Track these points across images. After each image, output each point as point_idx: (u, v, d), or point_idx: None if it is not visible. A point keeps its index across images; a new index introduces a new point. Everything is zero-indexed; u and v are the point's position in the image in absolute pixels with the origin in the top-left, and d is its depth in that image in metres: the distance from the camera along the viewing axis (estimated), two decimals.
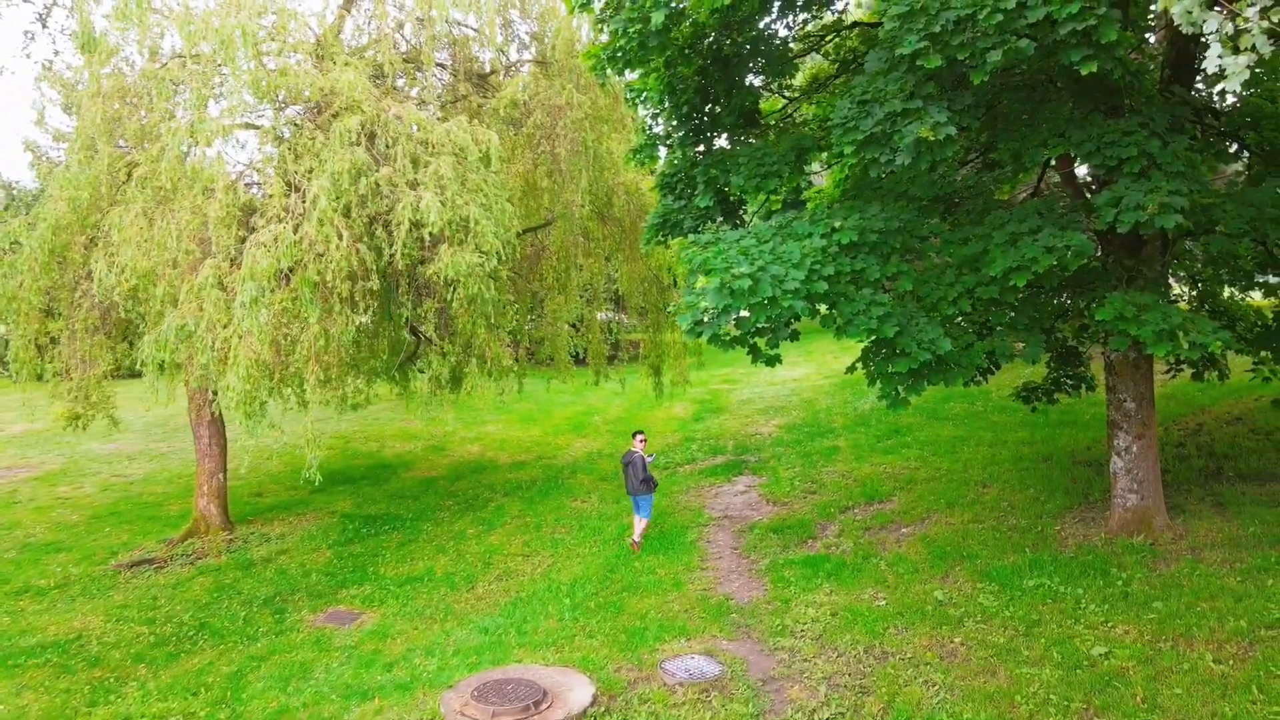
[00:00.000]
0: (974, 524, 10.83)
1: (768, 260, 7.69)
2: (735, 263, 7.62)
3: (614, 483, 16.07)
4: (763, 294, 7.36)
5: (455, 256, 10.84)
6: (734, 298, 7.40)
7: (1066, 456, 13.20)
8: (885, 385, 8.47)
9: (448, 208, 10.89)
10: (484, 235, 11.17)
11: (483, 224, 11.19)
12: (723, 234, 8.99)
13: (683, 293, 8.95)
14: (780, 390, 25.98)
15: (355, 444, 21.06)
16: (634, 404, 25.01)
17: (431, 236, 10.92)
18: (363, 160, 10.91)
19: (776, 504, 13.52)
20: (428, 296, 12.06)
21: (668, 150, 12.62)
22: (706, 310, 8.12)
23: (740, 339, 8.56)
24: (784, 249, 8.05)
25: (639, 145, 12.49)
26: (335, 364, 11.36)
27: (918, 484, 13.18)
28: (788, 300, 7.41)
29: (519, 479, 16.92)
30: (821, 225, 8.44)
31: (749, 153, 9.60)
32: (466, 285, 10.95)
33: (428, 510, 14.96)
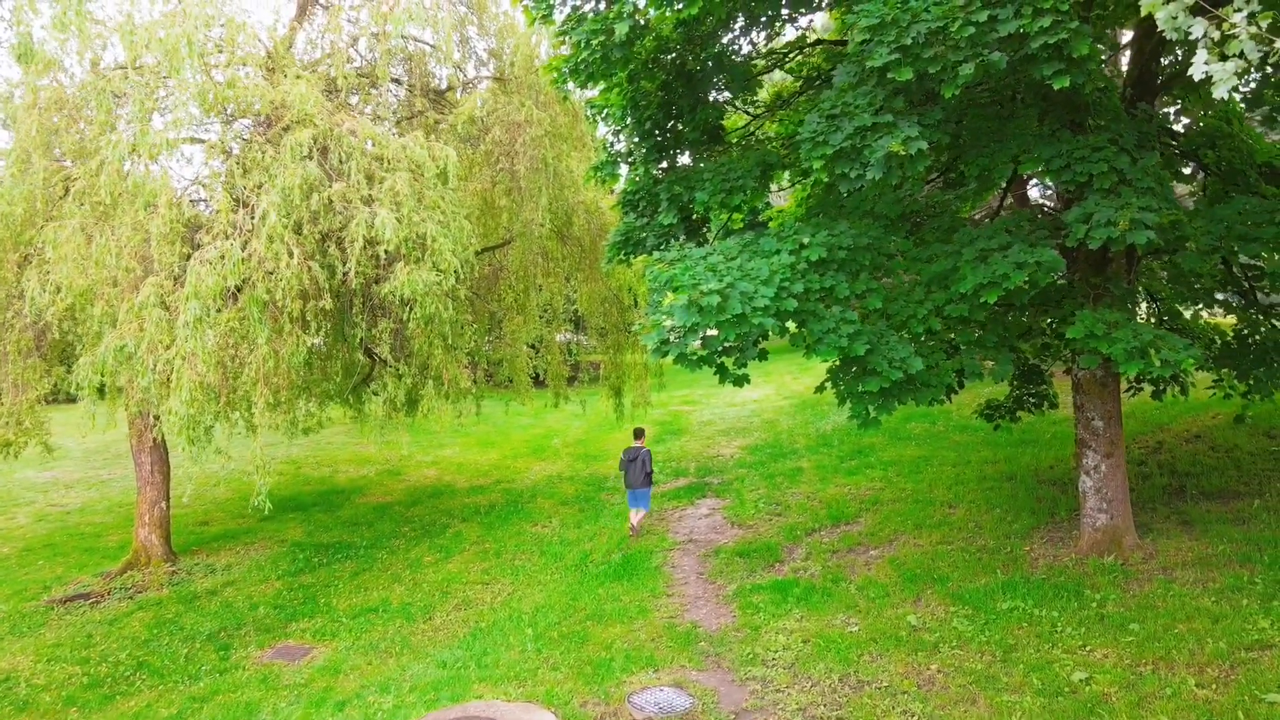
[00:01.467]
0: (943, 545, 10.69)
1: (736, 277, 7.49)
2: (703, 279, 7.41)
3: (575, 507, 15.72)
4: (731, 311, 7.15)
5: (412, 275, 10.50)
6: (702, 315, 7.18)
7: (1030, 475, 13.16)
8: (855, 405, 8.28)
9: (404, 225, 10.55)
10: (441, 253, 10.85)
11: (440, 242, 10.87)
12: (688, 251, 8.77)
13: (647, 311, 8.71)
14: (741, 411, 25.85)
15: (307, 469, 20.41)
16: (594, 426, 24.69)
17: (387, 254, 10.57)
18: (315, 175, 10.53)
19: (742, 527, 13.28)
20: (383, 316, 11.68)
21: (629, 168, 12.44)
22: (673, 329, 7.90)
23: (707, 358, 8.33)
24: (752, 266, 7.87)
25: (600, 162, 12.31)
26: (285, 387, 10.91)
27: (883, 505, 13.05)
28: (757, 318, 7.20)
29: (477, 504, 16.47)
30: (789, 242, 8.27)
31: (714, 168, 9.43)
32: (423, 304, 10.60)
33: (383, 537, 14.44)
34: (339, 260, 10.69)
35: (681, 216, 10.59)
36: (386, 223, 10.37)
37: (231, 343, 10.16)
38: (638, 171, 11.25)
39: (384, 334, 11.51)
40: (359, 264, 10.51)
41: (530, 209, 14.02)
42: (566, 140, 15.52)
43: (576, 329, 21.71)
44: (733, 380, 8.71)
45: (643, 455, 13.33)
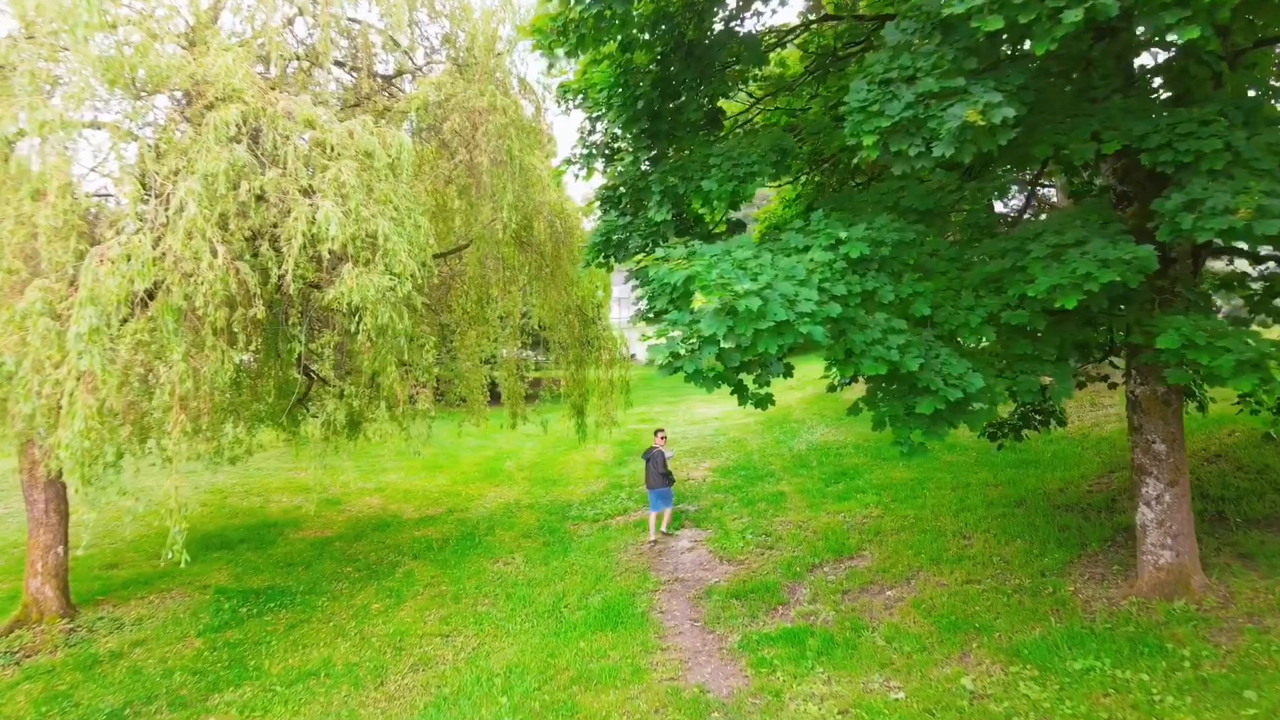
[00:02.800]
0: (970, 584, 9.48)
1: (772, 276, 6.15)
2: (734, 278, 6.04)
3: (539, 540, 14.17)
4: (773, 316, 5.80)
5: (361, 279, 8.92)
6: (736, 322, 5.81)
7: (1042, 500, 12.09)
8: (899, 430, 6.99)
9: (351, 220, 8.98)
10: (395, 254, 9.29)
11: (394, 241, 9.32)
12: (697, 247, 7.41)
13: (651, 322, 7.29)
14: (704, 430, 24.57)
15: (234, 499, 18.40)
16: (549, 447, 23.14)
17: (332, 255, 8.97)
18: (244, 161, 8.89)
19: (731, 562, 11.91)
20: (325, 327, 10.04)
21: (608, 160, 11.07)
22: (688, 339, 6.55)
23: (726, 376, 6.99)
24: (784, 264, 6.54)
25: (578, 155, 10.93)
26: (207, 411, 9.20)
27: (887, 535, 11.83)
28: (804, 325, 5.87)
29: (429, 537, 14.78)
30: (823, 236, 6.98)
31: (723, 152, 8.09)
32: (375, 313, 9.02)
33: (323, 580, 12.68)
34: (273, 261, 9.05)
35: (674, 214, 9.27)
36: (331, 217, 8.78)
37: (141, 359, 8.43)
38: (623, 161, 9.87)
39: (327, 347, 9.87)
40: (297, 266, 8.89)
41: (491, 208, 12.51)
42: (530, 134, 14.05)
43: (535, 344, 20.21)
44: (754, 402, 7.36)
45: (653, 455, 13.46)
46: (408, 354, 9.70)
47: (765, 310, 5.73)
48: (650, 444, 14.37)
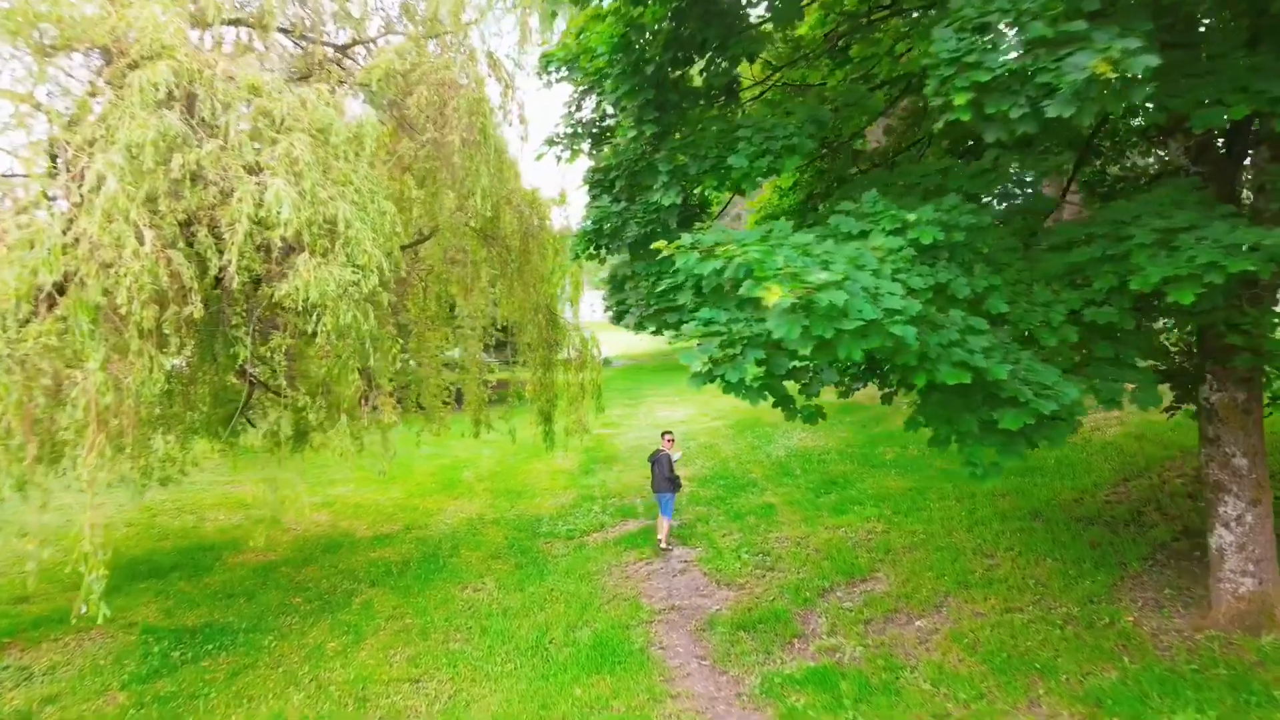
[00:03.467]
0: (1011, 613, 8.53)
1: (846, 265, 5.03)
2: (801, 266, 4.91)
3: (510, 561, 12.89)
4: (858, 315, 4.68)
5: (320, 272, 7.56)
6: (814, 321, 4.68)
7: (1058, 512, 11.26)
8: (971, 450, 5.94)
9: (307, 202, 7.62)
10: (359, 243, 7.95)
11: (356, 228, 7.98)
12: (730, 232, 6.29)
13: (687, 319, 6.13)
14: None
15: (164, 518, 16.66)
16: (508, 455, 21.77)
17: (284, 243, 7.59)
18: (177, 130, 7.47)
19: (730, 586, 10.81)
20: (274, 329, 8.64)
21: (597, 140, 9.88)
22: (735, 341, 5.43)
23: (772, 386, 5.87)
24: (849, 250, 5.44)
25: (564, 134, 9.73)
26: (132, 426, 7.75)
27: (898, 554, 10.86)
28: (896, 325, 4.75)
29: (386, 559, 13.37)
30: (886, 219, 5.89)
31: (754, 124, 6.95)
32: (336, 312, 7.67)
33: (268, 614, 11.21)
34: (213, 251, 7.64)
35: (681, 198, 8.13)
36: (282, 198, 7.41)
37: (48, 368, 6.95)
38: (619, 139, 8.66)
39: (278, 351, 8.45)
40: (242, 256, 7.50)
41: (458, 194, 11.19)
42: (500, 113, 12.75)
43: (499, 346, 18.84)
44: (803, 416, 6.24)
45: (658, 458, 12.90)
46: (373, 358, 8.36)
47: (848, 307, 4.60)
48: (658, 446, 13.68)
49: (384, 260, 8.12)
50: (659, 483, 12.94)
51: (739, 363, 5.56)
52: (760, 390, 5.63)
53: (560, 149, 9.80)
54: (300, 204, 7.54)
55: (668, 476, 12.85)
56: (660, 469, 12.96)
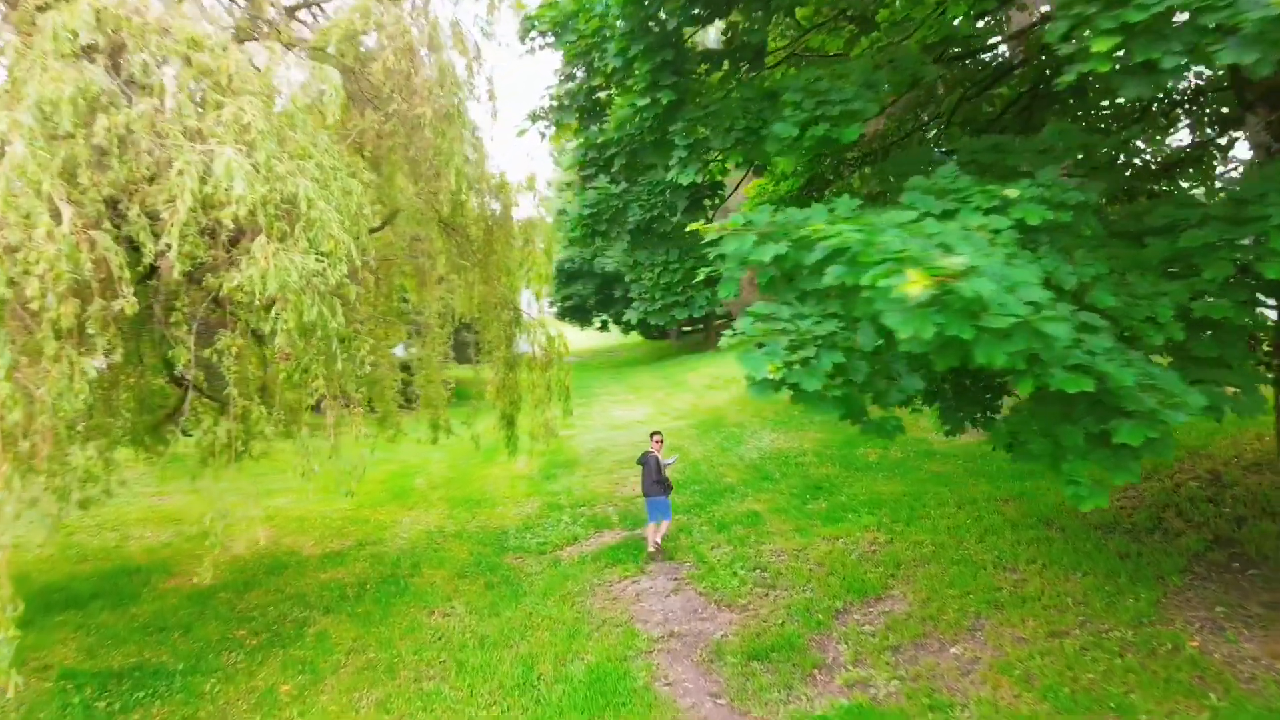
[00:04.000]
0: (1058, 638, 7.77)
1: (970, 250, 4.10)
2: (925, 251, 3.96)
3: (478, 580, 11.75)
4: (1003, 310, 3.75)
5: (280, 258, 6.35)
6: (950, 318, 3.73)
7: (1071, 519, 10.63)
8: (1072, 467, 5.08)
9: (262, 177, 6.40)
10: (323, 226, 6.77)
11: (320, 208, 6.79)
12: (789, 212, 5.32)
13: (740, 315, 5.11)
14: (630, 436, 22.46)
15: (82, 536, 15.01)
16: (461, 459, 20.50)
17: (235, 224, 6.36)
18: (101, 87, 6.19)
19: (730, 607, 9.88)
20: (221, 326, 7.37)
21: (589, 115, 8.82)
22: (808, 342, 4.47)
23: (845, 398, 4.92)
24: (952, 231, 4.52)
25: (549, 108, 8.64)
26: (47, 443, 6.46)
27: (910, 568, 10.07)
28: (1048, 323, 3.84)
29: (340, 582, 12.09)
30: (978, 196, 4.99)
31: (804, 86, 5.98)
32: (299, 307, 6.47)
33: (209, 651, 9.87)
34: (146, 232, 6.37)
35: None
36: (234, 171, 6.19)
37: None
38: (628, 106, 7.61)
39: (228, 352, 7.17)
40: (184, 239, 6.26)
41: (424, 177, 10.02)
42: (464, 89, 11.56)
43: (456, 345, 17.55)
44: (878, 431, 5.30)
45: (647, 459, 12.16)
46: (340, 361, 7.16)
47: (990, 300, 3.67)
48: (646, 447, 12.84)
49: (352, 246, 6.93)
50: (648, 485, 12.18)
51: (814, 367, 4.59)
52: (842, 403, 4.67)
53: (545, 125, 8.70)
54: (255, 178, 6.32)
55: (656, 480, 12.11)
56: (649, 471, 12.20)
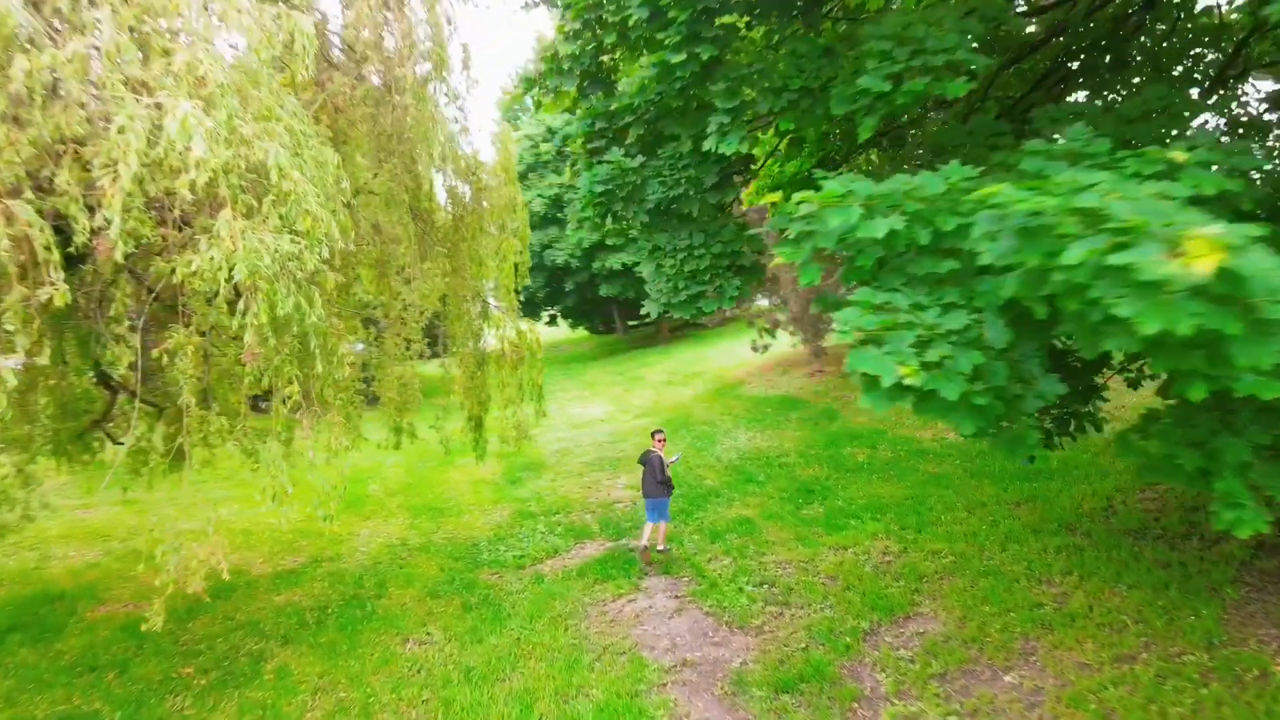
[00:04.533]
0: (1126, 663, 7.05)
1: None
2: (1154, 219, 3.06)
3: (453, 600, 10.65)
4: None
5: (249, 238, 5.20)
6: (1208, 308, 2.85)
7: (1096, 524, 10.03)
8: (1229, 484, 4.28)
9: (224, 137, 5.24)
10: (299, 201, 5.63)
11: (294, 179, 5.65)
12: (897, 180, 4.42)
13: (842, 309, 4.18)
14: (594, 435, 21.50)
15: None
16: (416, 462, 19.31)
17: (194, 198, 5.18)
18: (17, 21, 4.95)
19: (744, 629, 8.98)
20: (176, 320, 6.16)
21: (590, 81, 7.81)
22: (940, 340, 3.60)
23: (988, 408, 4.03)
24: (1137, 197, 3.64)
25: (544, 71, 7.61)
26: None
27: (933, 581, 9.32)
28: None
29: (297, 605, 10.85)
30: (1133, 161, 4.14)
31: (894, 34, 5.05)
32: (272, 297, 5.32)
33: (149, 694, 8.58)
34: (78, 205, 5.15)
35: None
36: (192, 128, 5.02)
37: None
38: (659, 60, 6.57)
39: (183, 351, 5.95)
40: (127, 214, 5.06)
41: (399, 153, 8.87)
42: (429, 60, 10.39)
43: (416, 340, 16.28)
44: (1015, 447, 4.41)
45: (651, 459, 11.54)
46: (320, 362, 6.01)
47: (1273, 285, 2.79)
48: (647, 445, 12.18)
49: (333, 225, 5.80)
50: (650, 486, 11.52)
51: (951, 369, 3.69)
52: (983, 413, 3.78)
53: (541, 91, 7.64)
54: (217, 139, 5.16)
55: (660, 480, 11.45)
56: (652, 471, 11.54)
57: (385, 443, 12.85)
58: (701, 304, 6.78)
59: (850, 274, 4.35)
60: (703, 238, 6.85)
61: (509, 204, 11.90)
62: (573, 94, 8.01)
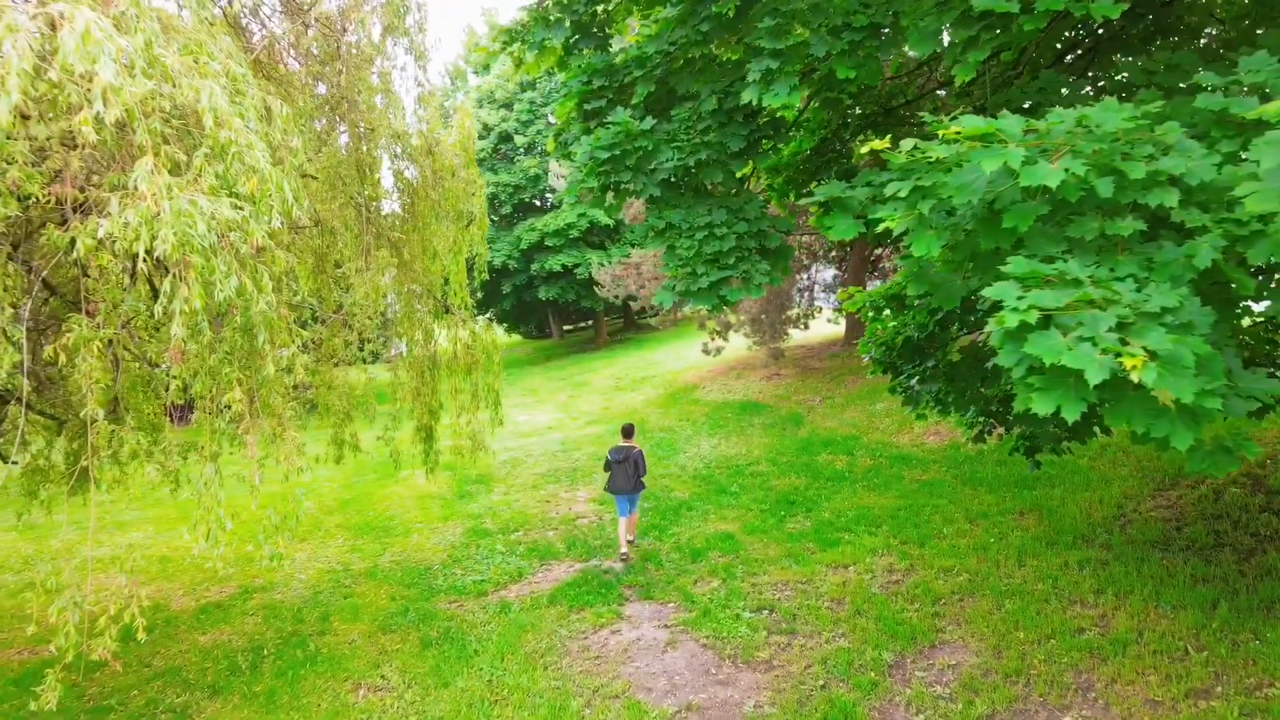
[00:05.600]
0: (1204, 698, 6.25)
1: None
2: None
3: (409, 635, 9.37)
4: None
5: (177, 200, 3.94)
6: None
7: (1115, 535, 9.33)
8: None
9: (142, 63, 3.98)
10: (241, 155, 4.39)
11: (236, 128, 4.40)
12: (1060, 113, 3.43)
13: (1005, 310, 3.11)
14: (544, 444, 20.30)
15: None
16: (353, 475, 17.84)
17: (99, 140, 3.90)
18: None
19: (750, 664, 7.94)
20: (77, 309, 4.84)
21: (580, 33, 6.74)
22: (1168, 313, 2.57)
23: (1211, 412, 3.07)
24: None
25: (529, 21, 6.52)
26: None
27: (954, 604, 8.45)
28: None
29: (227, 646, 9.43)
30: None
31: None
32: (209, 276, 4.07)
33: None
34: None
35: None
36: (95, 50, 3.75)
37: None
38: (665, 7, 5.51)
39: (91, 351, 4.62)
40: (7, 165, 3.77)
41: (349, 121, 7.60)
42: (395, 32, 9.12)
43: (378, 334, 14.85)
44: (1219, 461, 3.47)
45: (635, 455, 11.35)
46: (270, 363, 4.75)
47: None
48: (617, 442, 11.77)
49: (287, 188, 4.56)
50: (633, 483, 11.26)
51: (1174, 361, 2.73)
52: (1202, 421, 2.82)
53: (526, 47, 6.51)
54: (132, 69, 3.90)
55: (640, 474, 11.33)
56: (634, 468, 11.23)
57: (324, 456, 11.44)
58: (725, 292, 5.73)
59: (991, 238, 3.37)
60: (725, 214, 5.82)
61: (467, 188, 10.68)
62: (558, 51, 6.90)
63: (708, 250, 5.71)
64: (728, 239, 5.73)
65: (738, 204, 5.96)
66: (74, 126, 3.75)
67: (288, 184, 4.50)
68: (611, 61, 6.15)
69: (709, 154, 5.75)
